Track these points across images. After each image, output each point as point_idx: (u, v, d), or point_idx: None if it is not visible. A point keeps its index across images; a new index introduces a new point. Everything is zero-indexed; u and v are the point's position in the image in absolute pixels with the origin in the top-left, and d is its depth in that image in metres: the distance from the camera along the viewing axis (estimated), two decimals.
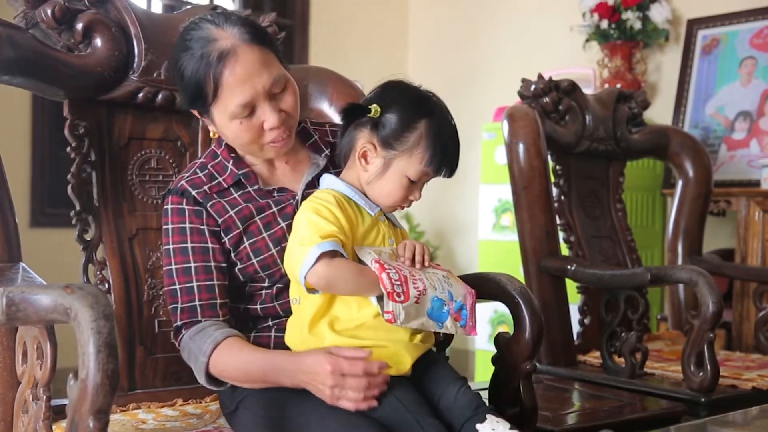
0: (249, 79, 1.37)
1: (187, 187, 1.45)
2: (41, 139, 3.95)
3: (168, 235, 1.44)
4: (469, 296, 1.39)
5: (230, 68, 1.36)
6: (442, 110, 1.45)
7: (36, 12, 1.59)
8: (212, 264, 1.43)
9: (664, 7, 3.75)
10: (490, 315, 3.77)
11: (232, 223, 1.43)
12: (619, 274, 2.25)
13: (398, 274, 1.32)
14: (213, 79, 1.37)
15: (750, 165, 3.38)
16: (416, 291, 1.32)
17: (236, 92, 1.37)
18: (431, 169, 1.40)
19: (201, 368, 1.37)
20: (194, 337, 1.39)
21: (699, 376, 2.02)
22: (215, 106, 1.41)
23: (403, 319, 1.30)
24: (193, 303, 1.41)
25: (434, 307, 1.34)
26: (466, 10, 4.78)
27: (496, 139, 3.66)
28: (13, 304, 1.12)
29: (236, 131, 1.42)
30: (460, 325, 1.36)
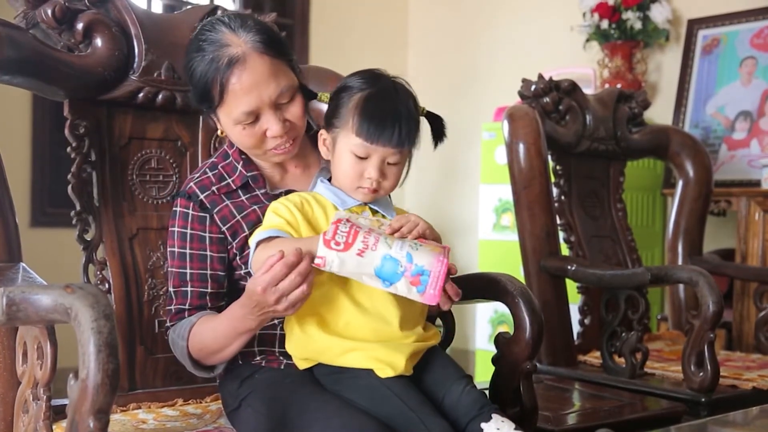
0: (255, 88, 1.38)
1: (196, 189, 1.47)
2: (41, 138, 3.95)
3: (172, 238, 1.48)
4: (437, 263, 1.28)
5: (238, 75, 1.38)
6: (385, 84, 1.40)
7: (36, 12, 1.59)
8: (208, 272, 1.45)
9: (665, 7, 3.75)
10: (491, 315, 3.77)
11: (239, 228, 1.45)
12: (620, 274, 2.25)
13: (350, 229, 1.28)
14: (220, 84, 1.38)
15: (750, 165, 3.38)
16: (362, 245, 1.27)
17: (241, 100, 1.39)
18: (364, 137, 1.35)
19: (183, 353, 1.41)
20: (176, 328, 1.45)
21: (699, 376, 2.02)
22: (221, 110, 1.43)
23: (335, 268, 1.26)
24: (182, 307, 1.46)
25: (384, 265, 1.27)
26: (466, 10, 4.78)
27: (497, 139, 3.66)
28: (13, 303, 1.12)
29: (239, 136, 1.44)
30: (417, 290, 1.27)
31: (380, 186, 1.40)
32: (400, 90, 1.41)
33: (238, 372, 1.46)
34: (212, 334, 1.39)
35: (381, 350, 1.32)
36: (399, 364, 1.32)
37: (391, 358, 1.32)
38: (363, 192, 1.40)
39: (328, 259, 1.27)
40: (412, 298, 1.29)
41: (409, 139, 1.38)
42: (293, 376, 1.38)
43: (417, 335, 1.38)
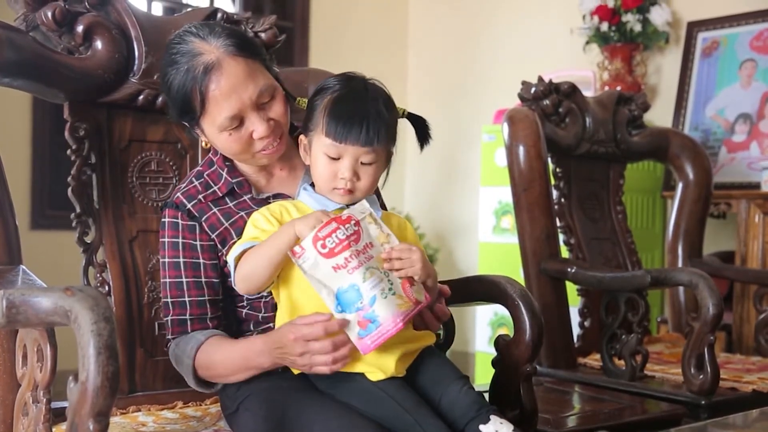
0: (235, 91, 1.38)
1: (183, 199, 1.47)
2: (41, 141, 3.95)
3: (164, 249, 1.47)
4: (391, 323, 1.25)
5: (216, 82, 1.37)
6: (354, 84, 1.39)
7: (36, 14, 1.60)
8: (203, 280, 1.45)
9: (664, 10, 3.75)
10: (490, 317, 3.77)
11: (227, 235, 1.45)
12: (620, 277, 2.25)
13: (346, 239, 1.27)
14: (200, 94, 1.38)
15: (750, 167, 3.38)
16: (343, 261, 1.25)
17: (223, 106, 1.38)
18: (333, 137, 1.34)
19: (188, 371, 1.41)
20: (180, 344, 1.43)
21: (699, 378, 2.02)
22: (204, 120, 1.42)
23: (306, 266, 1.26)
24: (183, 317, 1.45)
25: (348, 292, 1.26)
26: (466, 13, 4.78)
27: (497, 141, 3.66)
28: (13, 306, 1.12)
29: (226, 143, 1.43)
30: (358, 332, 1.25)
31: (355, 186, 1.38)
32: (370, 90, 1.40)
33: None
34: (221, 359, 1.38)
35: (370, 354, 1.31)
36: (389, 366, 1.32)
37: (380, 361, 1.32)
38: (338, 193, 1.39)
39: (306, 254, 1.27)
40: (349, 335, 1.27)
41: (378, 138, 1.35)
42: (290, 379, 1.38)
43: (406, 336, 1.37)
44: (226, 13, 1.83)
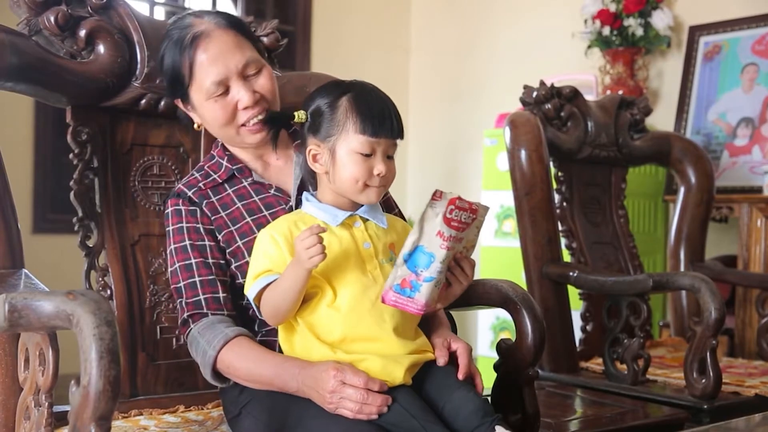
0: (222, 56, 1.45)
1: (183, 188, 1.51)
2: (44, 145, 3.96)
3: (170, 237, 1.50)
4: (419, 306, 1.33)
5: (203, 47, 1.45)
6: (360, 84, 1.43)
7: (39, 19, 1.60)
8: (210, 260, 1.47)
9: (666, 14, 3.75)
10: (492, 321, 3.77)
11: (223, 223, 1.48)
12: (622, 281, 2.24)
13: (461, 225, 1.34)
14: (189, 60, 1.45)
15: (752, 171, 3.38)
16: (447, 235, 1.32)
17: (210, 71, 1.45)
18: (369, 133, 1.36)
19: (209, 362, 1.39)
20: (204, 332, 1.42)
21: (701, 382, 2.01)
22: (192, 88, 1.48)
23: (431, 211, 1.34)
24: (197, 297, 1.45)
25: (423, 256, 1.33)
26: (468, 16, 4.79)
27: (498, 146, 3.66)
28: (15, 310, 1.12)
29: (212, 111, 1.47)
30: (393, 285, 1.33)
31: (387, 182, 1.41)
32: (374, 86, 1.44)
33: None
34: (248, 367, 1.37)
35: (378, 363, 1.32)
36: (397, 375, 1.32)
37: (389, 370, 1.32)
38: (374, 191, 1.40)
39: (438, 204, 1.34)
40: (388, 278, 1.34)
41: (402, 129, 1.41)
42: None
43: (415, 346, 1.38)
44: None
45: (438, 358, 1.39)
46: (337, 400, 1.28)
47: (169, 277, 1.50)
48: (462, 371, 1.37)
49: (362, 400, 1.26)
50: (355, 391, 1.27)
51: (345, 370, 1.28)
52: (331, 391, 1.27)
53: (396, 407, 1.28)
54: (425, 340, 1.42)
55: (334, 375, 1.28)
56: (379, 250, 1.40)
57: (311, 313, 1.37)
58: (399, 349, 1.35)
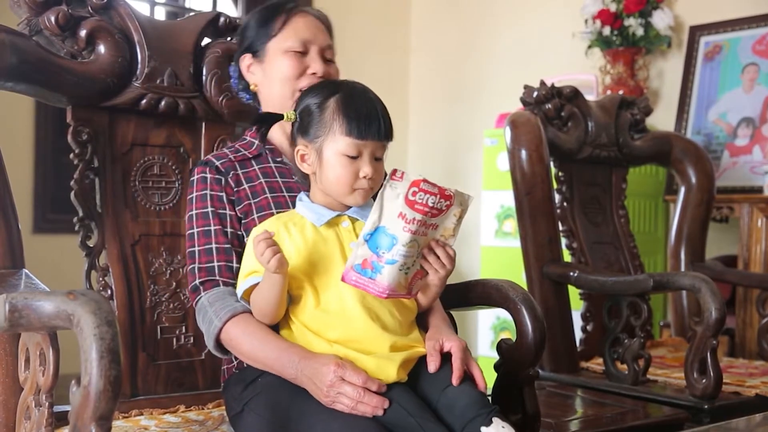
0: (314, 29, 1.58)
1: (212, 158, 1.55)
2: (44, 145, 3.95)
3: (192, 203, 1.52)
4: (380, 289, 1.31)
5: (302, 16, 1.58)
6: (349, 85, 1.45)
7: (40, 19, 1.60)
8: (229, 230, 1.49)
9: (667, 14, 3.75)
10: (493, 321, 3.77)
11: (244, 195, 1.51)
12: (622, 281, 2.24)
13: (429, 209, 1.32)
14: (284, 17, 1.56)
15: (753, 171, 3.38)
16: (410, 218, 1.30)
17: (299, 31, 1.56)
18: (355, 135, 1.37)
19: (214, 333, 1.41)
20: (213, 301, 1.43)
21: (702, 382, 2.01)
22: (275, 39, 1.56)
23: (389, 191, 1.31)
24: (211, 264, 1.47)
25: (385, 237, 1.31)
26: (468, 16, 4.79)
27: (498, 146, 3.66)
28: (16, 310, 1.12)
29: (283, 63, 1.55)
30: (353, 264, 1.31)
31: (374, 184, 1.41)
32: (366, 88, 1.45)
33: (242, 376, 1.46)
34: (252, 344, 1.38)
35: (372, 363, 1.32)
36: (390, 373, 1.32)
37: (382, 368, 1.32)
38: (360, 193, 1.40)
39: (400, 185, 1.30)
40: (349, 257, 1.33)
41: (390, 131, 1.41)
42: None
43: (408, 341, 1.38)
44: (229, 18, 1.84)
45: (429, 364, 1.36)
46: (334, 394, 1.28)
47: (185, 240, 1.52)
48: (455, 375, 1.33)
49: (359, 398, 1.27)
50: (353, 388, 1.27)
51: (346, 367, 1.29)
52: (330, 385, 1.28)
53: (394, 406, 1.28)
54: (418, 336, 1.42)
55: (334, 370, 1.28)
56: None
57: (302, 313, 1.38)
58: (390, 346, 1.35)
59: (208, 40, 1.82)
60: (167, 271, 1.73)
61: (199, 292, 1.46)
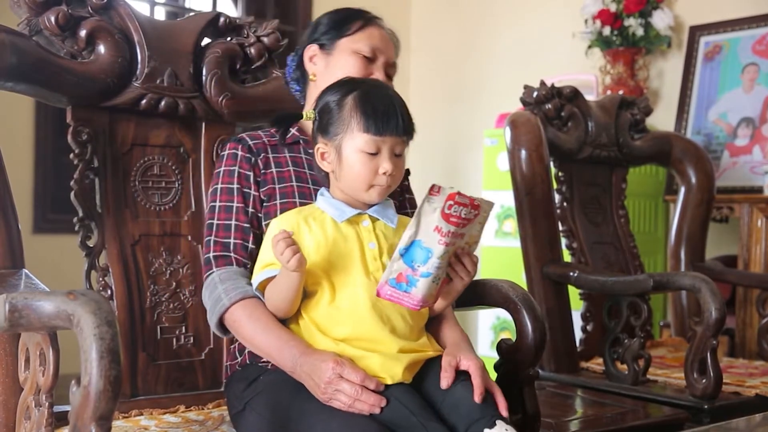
0: (386, 41, 1.63)
1: (245, 137, 1.56)
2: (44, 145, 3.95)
3: (218, 177, 1.54)
4: (416, 302, 1.33)
5: (378, 28, 1.63)
6: (368, 82, 1.46)
7: (39, 19, 1.60)
8: (250, 209, 1.51)
9: (667, 14, 3.75)
10: (493, 321, 3.77)
11: (270, 179, 1.52)
12: (622, 281, 2.24)
13: (461, 221, 1.34)
14: (362, 22, 1.61)
15: (753, 171, 3.38)
16: (445, 231, 1.31)
17: (374, 38, 1.61)
18: (373, 132, 1.37)
19: (220, 311, 1.42)
20: (225, 279, 1.44)
21: (702, 382, 2.01)
22: (348, 38, 1.60)
23: (428, 206, 1.32)
24: (227, 240, 1.49)
25: (420, 251, 1.32)
26: (467, 16, 4.79)
27: (498, 146, 3.66)
28: (15, 310, 1.12)
29: (348, 62, 1.58)
30: (389, 279, 1.32)
31: (393, 181, 1.41)
32: (384, 85, 1.47)
33: (245, 373, 1.46)
34: (254, 330, 1.39)
35: (378, 361, 1.32)
36: (396, 373, 1.32)
37: (388, 367, 1.32)
38: (378, 190, 1.40)
39: (437, 198, 1.32)
40: (384, 272, 1.34)
41: (410, 126, 1.42)
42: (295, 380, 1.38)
43: (416, 346, 1.38)
44: (229, 18, 1.84)
45: (441, 380, 1.34)
46: (332, 391, 1.28)
47: (206, 213, 1.54)
48: (477, 392, 1.32)
49: (356, 396, 1.27)
50: (351, 386, 1.27)
51: (344, 364, 1.29)
52: (327, 382, 1.28)
53: (395, 404, 1.28)
54: (426, 341, 1.42)
55: (333, 367, 1.28)
56: (384, 251, 1.41)
57: (314, 309, 1.38)
58: (397, 348, 1.35)
59: (208, 40, 1.82)
60: (167, 271, 1.73)
61: (211, 266, 1.47)
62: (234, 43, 1.83)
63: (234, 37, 1.85)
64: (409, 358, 1.35)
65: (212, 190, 1.54)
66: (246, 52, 1.84)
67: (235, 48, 1.82)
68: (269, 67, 1.89)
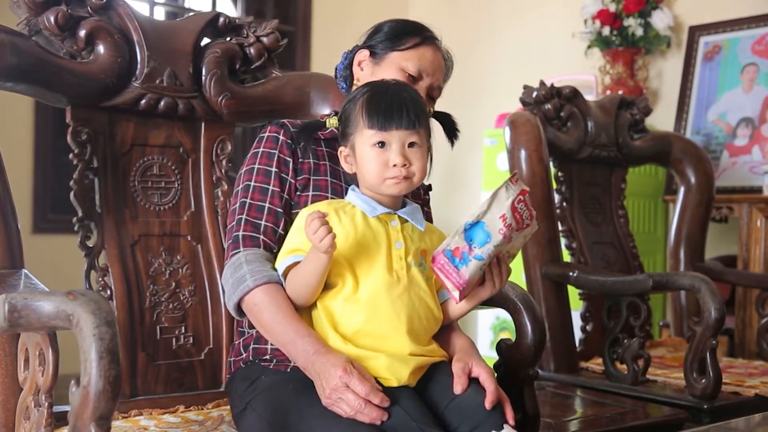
0: (437, 64, 1.63)
1: (288, 123, 1.54)
2: (44, 145, 3.96)
3: (256, 157, 1.51)
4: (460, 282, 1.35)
5: (433, 49, 1.63)
6: (383, 83, 1.46)
7: (39, 19, 1.60)
8: (285, 195, 1.49)
9: (666, 14, 3.76)
10: (492, 321, 3.77)
11: (307, 169, 1.51)
12: (622, 281, 2.24)
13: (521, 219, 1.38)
14: (419, 38, 1.62)
15: (752, 171, 3.38)
16: (507, 223, 1.34)
17: (424, 60, 1.60)
18: (377, 127, 1.38)
19: (242, 291, 1.40)
20: (252, 261, 1.42)
21: (701, 382, 2.01)
22: (399, 53, 1.59)
23: (503, 193, 1.37)
24: (259, 221, 1.47)
25: (481, 234, 1.35)
26: (467, 16, 4.79)
27: (498, 146, 3.66)
28: (15, 310, 1.12)
29: (394, 74, 1.56)
30: (445, 251, 1.35)
31: (409, 172, 1.40)
32: (400, 84, 1.46)
33: (247, 373, 1.46)
34: (274, 313, 1.38)
35: (385, 363, 1.32)
36: (402, 375, 1.32)
37: (395, 369, 1.32)
38: (392, 183, 1.40)
39: (513, 189, 1.37)
40: (446, 241, 1.37)
41: (419, 119, 1.40)
42: (297, 380, 1.38)
43: (425, 351, 1.38)
44: (228, 18, 1.83)
45: (455, 386, 1.35)
46: (336, 398, 1.28)
47: (238, 192, 1.50)
48: (489, 399, 1.33)
49: (359, 409, 1.26)
50: (355, 398, 1.27)
51: (353, 374, 1.28)
52: (333, 388, 1.28)
53: (397, 410, 1.28)
54: (435, 348, 1.42)
55: (341, 375, 1.27)
56: (410, 252, 1.41)
57: (332, 300, 1.37)
58: (408, 350, 1.35)
59: (208, 40, 1.82)
60: (167, 271, 1.73)
61: (238, 245, 1.45)
62: (233, 43, 1.83)
63: (233, 37, 1.85)
64: (417, 362, 1.35)
65: (248, 169, 1.51)
66: (245, 52, 1.84)
67: (234, 48, 1.82)
68: (269, 67, 1.89)
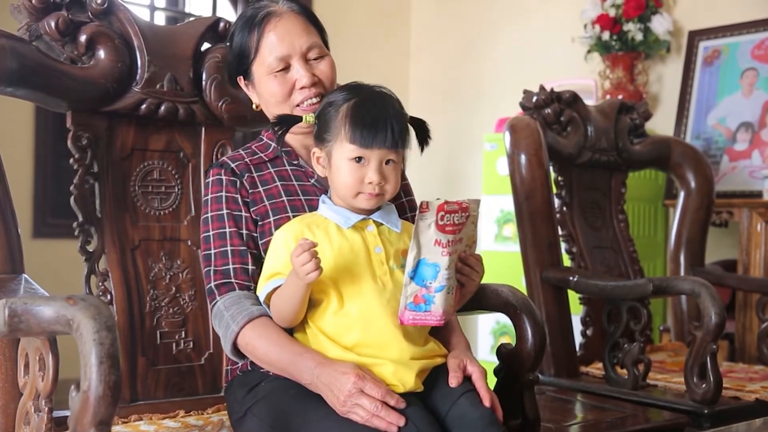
0: (289, 36, 1.51)
1: (227, 160, 1.54)
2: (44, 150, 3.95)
3: (207, 205, 1.51)
4: (438, 317, 1.34)
5: (273, 25, 1.51)
6: (368, 91, 1.43)
7: (40, 24, 1.60)
8: (244, 231, 1.48)
9: (666, 19, 3.76)
10: (492, 326, 3.77)
11: (259, 198, 1.50)
12: (622, 285, 2.24)
13: (456, 227, 1.32)
14: (257, 35, 1.52)
15: (752, 176, 3.38)
16: (445, 241, 1.31)
17: (275, 47, 1.51)
18: (359, 144, 1.37)
19: (230, 337, 1.40)
20: (229, 306, 1.42)
21: (702, 387, 2.01)
22: (255, 62, 1.53)
23: (422, 225, 1.30)
24: (226, 266, 1.46)
25: (428, 267, 1.32)
26: (468, 21, 4.80)
27: (498, 150, 3.66)
28: (15, 315, 1.12)
29: (270, 86, 1.52)
30: (407, 304, 1.32)
31: (383, 189, 1.40)
32: (385, 94, 1.43)
33: (245, 379, 1.46)
34: (267, 349, 1.38)
35: (390, 369, 1.32)
36: (408, 381, 1.32)
37: (401, 376, 1.32)
38: (365, 197, 1.39)
39: (428, 215, 1.30)
40: (400, 299, 1.34)
41: (402, 138, 1.39)
42: (298, 386, 1.38)
43: (425, 351, 1.38)
44: (228, 23, 1.84)
45: (451, 380, 1.37)
46: (351, 405, 1.27)
47: (201, 243, 1.51)
48: (485, 398, 1.35)
49: (375, 412, 1.26)
50: (371, 402, 1.26)
51: (366, 379, 1.28)
52: (348, 395, 1.27)
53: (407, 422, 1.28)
54: (434, 346, 1.42)
55: (354, 381, 1.27)
56: (391, 255, 1.41)
57: (320, 318, 1.37)
58: (409, 354, 1.35)
59: (208, 45, 1.83)
60: (167, 276, 1.73)
61: (214, 296, 1.46)
62: None
63: None
64: (420, 365, 1.35)
65: (203, 219, 1.51)
66: None
67: None
68: None
